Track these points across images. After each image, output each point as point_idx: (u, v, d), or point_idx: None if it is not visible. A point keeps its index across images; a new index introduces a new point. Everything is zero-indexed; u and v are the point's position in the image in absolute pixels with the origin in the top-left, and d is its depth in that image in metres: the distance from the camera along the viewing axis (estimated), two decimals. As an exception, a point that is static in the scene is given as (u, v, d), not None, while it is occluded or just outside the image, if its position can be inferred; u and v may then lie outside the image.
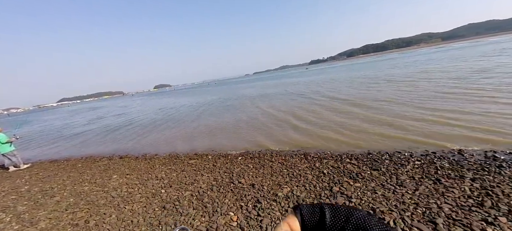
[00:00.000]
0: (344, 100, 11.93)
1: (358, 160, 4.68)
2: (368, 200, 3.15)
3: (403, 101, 9.49)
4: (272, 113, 11.58)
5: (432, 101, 8.79)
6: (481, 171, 3.57)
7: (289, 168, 4.69)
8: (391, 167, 4.10)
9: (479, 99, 7.97)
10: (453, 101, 8.21)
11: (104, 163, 7.14)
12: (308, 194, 3.57)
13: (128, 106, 35.47)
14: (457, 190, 3.12)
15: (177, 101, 29.45)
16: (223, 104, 18.93)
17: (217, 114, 14.04)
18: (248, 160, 5.56)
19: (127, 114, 21.92)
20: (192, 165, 5.73)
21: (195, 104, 21.88)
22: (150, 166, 6.18)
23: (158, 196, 4.23)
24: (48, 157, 9.41)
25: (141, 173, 5.65)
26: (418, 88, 11.93)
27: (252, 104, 16.02)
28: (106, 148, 9.58)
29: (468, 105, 7.48)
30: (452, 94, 9.37)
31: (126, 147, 9.12)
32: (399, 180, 3.61)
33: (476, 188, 3.11)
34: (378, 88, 14.06)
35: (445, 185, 3.28)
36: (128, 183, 5.08)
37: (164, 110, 20.81)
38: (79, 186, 5.34)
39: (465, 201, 2.88)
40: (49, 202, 4.60)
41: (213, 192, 4.08)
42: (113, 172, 6.04)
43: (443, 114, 6.94)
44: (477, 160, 3.98)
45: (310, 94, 16.71)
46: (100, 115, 25.86)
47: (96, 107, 45.62)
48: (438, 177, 3.52)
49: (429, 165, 4.00)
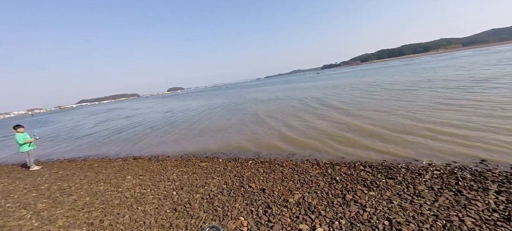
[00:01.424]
0: (340, 109, 11.65)
1: (372, 167, 4.54)
2: (384, 210, 3.03)
3: (406, 110, 9.15)
4: (265, 117, 11.55)
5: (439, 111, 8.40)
6: (507, 183, 3.34)
7: (300, 174, 4.62)
8: (408, 176, 3.94)
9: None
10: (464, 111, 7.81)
11: (119, 163, 7.37)
12: (320, 201, 3.49)
13: (141, 108, 36.63)
14: (481, 203, 2.94)
15: (188, 104, 30.04)
16: (232, 107, 19.12)
17: (225, 117, 14.17)
18: (258, 164, 5.55)
19: (139, 116, 22.61)
20: (203, 168, 5.78)
21: (204, 107, 22.22)
22: (162, 167, 6.31)
23: (169, 198, 4.30)
24: (66, 155, 9.85)
25: (154, 175, 5.77)
26: (421, 97, 11.39)
27: (257, 107, 16.11)
28: (121, 148, 9.90)
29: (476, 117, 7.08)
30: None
31: (139, 148, 9.39)
32: (417, 190, 3.45)
33: (501, 202, 2.92)
34: (379, 96, 13.65)
35: (467, 197, 3.10)
36: (141, 184, 5.21)
37: (174, 113, 21.25)
38: (95, 185, 5.53)
39: (489, 215, 2.70)
40: (66, 201, 4.79)
41: (224, 195, 4.09)
42: (127, 173, 6.21)
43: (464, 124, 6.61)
44: (502, 172, 3.74)
45: (307, 100, 16.75)
46: (114, 116, 26.87)
47: (112, 109, 47.44)
48: (459, 188, 3.34)
49: (449, 175, 3.80)
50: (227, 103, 23.45)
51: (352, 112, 10.22)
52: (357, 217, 2.97)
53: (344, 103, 13.13)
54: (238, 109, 17.33)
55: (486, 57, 34.69)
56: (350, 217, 2.98)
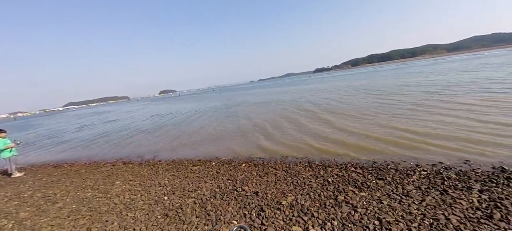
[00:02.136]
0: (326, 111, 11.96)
1: (363, 168, 4.64)
2: (374, 210, 3.10)
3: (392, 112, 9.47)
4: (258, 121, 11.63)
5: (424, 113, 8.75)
6: (489, 182, 3.51)
7: (293, 176, 4.65)
8: (397, 177, 4.05)
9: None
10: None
11: (108, 168, 7.15)
12: (313, 202, 3.52)
13: (131, 111, 35.76)
14: (465, 202, 3.06)
15: (178, 107, 29.62)
16: (223, 110, 19.03)
17: (217, 120, 14.08)
18: (252, 167, 5.54)
19: (128, 119, 22.06)
20: (195, 172, 5.71)
21: (194, 111, 21.98)
22: (153, 172, 6.17)
23: (160, 203, 4.21)
24: (51, 161, 9.45)
25: (144, 179, 5.64)
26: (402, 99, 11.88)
27: (248, 111, 16.16)
28: (109, 153, 9.61)
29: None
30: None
31: (128, 152, 9.14)
32: (405, 190, 3.56)
33: (484, 200, 3.05)
34: (364, 99, 14.07)
35: (452, 196, 3.22)
36: (131, 190, 5.07)
37: (164, 117, 20.88)
38: (82, 192, 5.33)
39: (473, 213, 2.82)
40: (51, 209, 4.59)
41: (216, 199, 4.05)
42: (116, 178, 6.03)
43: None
44: (484, 171, 3.92)
45: (297, 101, 16.85)
46: (102, 119, 26.07)
47: (101, 112, 46.03)
48: (445, 188, 3.47)
49: (436, 175, 3.94)
50: (218, 106, 23.32)
51: (331, 114, 10.47)
52: (348, 217, 3.02)
53: (328, 105, 13.45)
54: (229, 113, 17.28)
55: (466, 63, 36.70)
56: (342, 218, 3.02)
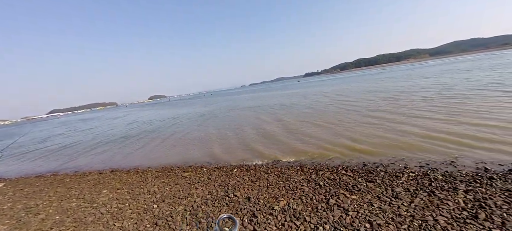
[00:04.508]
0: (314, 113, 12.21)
1: (354, 171, 4.69)
2: (365, 213, 3.12)
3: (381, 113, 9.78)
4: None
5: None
6: (473, 182, 3.63)
7: (285, 180, 4.64)
8: (386, 179, 4.12)
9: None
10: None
11: (94, 177, 6.89)
12: (305, 207, 3.51)
13: (119, 117, 34.84)
14: (452, 202, 3.14)
15: (167, 113, 29.17)
16: (213, 115, 18.93)
17: (206, 125, 13.97)
18: (243, 172, 5.49)
19: (108, 126, 21.45)
20: (186, 178, 5.59)
21: (182, 116, 21.72)
22: (142, 179, 6.00)
23: (150, 211, 4.08)
24: (34, 171, 9.01)
25: (133, 187, 5.46)
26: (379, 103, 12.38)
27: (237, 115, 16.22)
28: (95, 161, 9.27)
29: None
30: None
31: (116, 160, 8.86)
32: (395, 192, 3.62)
33: (469, 200, 3.15)
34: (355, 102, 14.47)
35: (439, 197, 3.31)
36: (118, 198, 4.89)
37: (153, 123, 20.49)
38: (66, 202, 5.09)
39: (459, 213, 2.90)
40: (33, 220, 4.35)
41: (208, 206, 3.97)
42: (103, 187, 5.81)
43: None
44: (469, 172, 4.05)
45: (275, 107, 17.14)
46: (87, 126, 25.22)
47: (87, 119, 44.61)
48: (432, 189, 3.55)
49: (423, 177, 4.04)
50: (205, 112, 23.15)
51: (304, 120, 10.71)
52: (340, 221, 3.03)
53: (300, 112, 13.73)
54: (215, 119, 17.22)
55: (436, 68, 38.91)
56: (334, 222, 3.03)
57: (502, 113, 7.33)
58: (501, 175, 3.76)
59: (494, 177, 3.70)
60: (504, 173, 3.87)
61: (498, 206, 2.93)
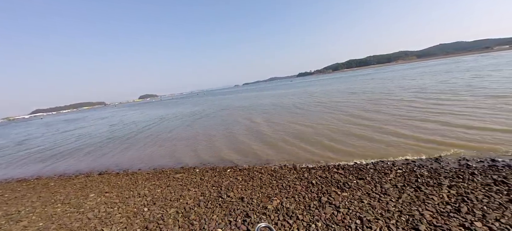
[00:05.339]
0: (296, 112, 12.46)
1: (345, 169, 4.80)
2: (355, 210, 3.20)
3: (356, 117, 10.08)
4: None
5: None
6: (456, 178, 3.80)
7: (278, 179, 4.67)
8: (376, 176, 4.24)
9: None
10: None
11: (81, 180, 6.64)
12: (298, 205, 3.56)
13: (106, 117, 33.69)
14: (436, 197, 3.28)
15: (158, 113, 28.56)
16: (207, 115, 18.77)
17: (199, 125, 13.84)
18: (237, 172, 5.47)
19: (92, 127, 20.75)
20: (178, 180, 5.50)
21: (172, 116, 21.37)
22: (132, 182, 5.85)
23: (140, 215, 3.98)
24: (14, 175, 8.55)
25: (122, 190, 5.31)
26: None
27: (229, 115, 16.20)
28: (82, 163, 8.94)
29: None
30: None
31: (104, 162, 8.58)
32: (383, 188, 3.73)
33: (453, 195, 3.30)
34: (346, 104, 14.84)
35: (425, 192, 3.44)
36: (107, 202, 4.74)
37: (140, 124, 20.02)
38: (50, 207, 4.88)
39: (444, 207, 3.03)
40: (14, 228, 4.13)
41: (200, 207, 3.93)
42: (90, 190, 5.62)
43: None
44: (452, 168, 4.25)
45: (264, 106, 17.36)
46: (72, 127, 24.21)
47: (71, 119, 42.84)
48: (418, 185, 3.70)
49: (410, 173, 4.20)
50: (197, 111, 22.90)
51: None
52: (332, 218, 3.09)
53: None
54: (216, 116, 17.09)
55: (417, 71, 40.96)
56: (326, 219, 3.08)
57: (476, 114, 7.74)
58: (481, 171, 3.97)
59: (475, 173, 3.90)
60: (485, 168, 4.08)
61: (479, 199, 3.09)
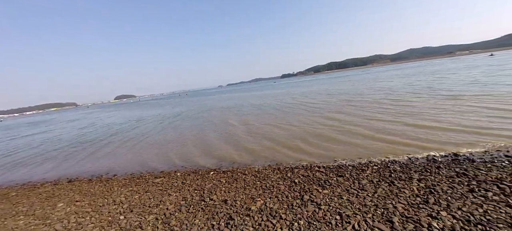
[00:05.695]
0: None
1: (326, 167, 4.96)
2: (335, 206, 3.33)
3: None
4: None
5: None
6: (425, 172, 4.12)
7: (262, 180, 4.69)
8: (354, 173, 4.45)
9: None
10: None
11: (47, 189, 6.08)
12: (281, 205, 3.60)
13: (76, 119, 31.25)
14: (408, 190, 3.53)
15: (132, 114, 27.22)
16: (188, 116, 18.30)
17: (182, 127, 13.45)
18: (220, 175, 5.39)
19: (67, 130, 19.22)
20: (157, 185, 5.27)
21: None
22: (106, 188, 5.48)
23: (115, 223, 3.75)
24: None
25: (95, 198, 4.96)
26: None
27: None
28: (48, 169, 8.18)
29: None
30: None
31: (75, 169, 7.94)
32: (361, 184, 3.93)
33: (422, 187, 3.57)
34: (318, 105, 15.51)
35: (398, 186, 3.69)
36: (77, 212, 4.39)
37: (114, 126, 18.94)
38: (11, 220, 4.39)
39: (414, 199, 3.27)
40: (-35, 246, 3.66)
41: (182, 213, 3.80)
42: (58, 200, 5.17)
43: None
44: (421, 163, 4.60)
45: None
46: (37, 131, 22.08)
47: (36, 122, 39.06)
48: (392, 179, 3.95)
49: (385, 169, 4.47)
50: (176, 113, 22.28)
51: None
52: (313, 215, 3.18)
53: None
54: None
55: (387, 74, 44.44)
56: (308, 217, 3.16)
57: (440, 114, 8.52)
58: (446, 164, 4.35)
59: (440, 166, 4.26)
60: (448, 162, 4.48)
61: (444, 190, 3.38)
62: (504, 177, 3.55)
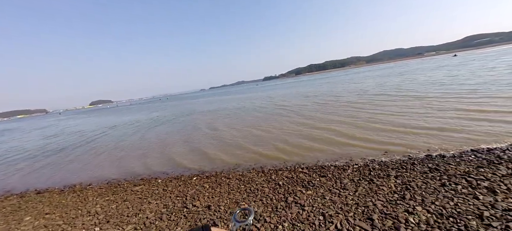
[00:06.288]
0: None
1: (309, 168, 5.03)
2: (319, 206, 3.37)
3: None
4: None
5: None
6: (401, 169, 4.33)
7: (246, 184, 4.64)
8: (336, 172, 4.56)
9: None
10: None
11: (12, 202, 5.53)
12: (265, 208, 3.58)
13: (46, 126, 29.02)
14: (386, 187, 3.68)
15: (108, 120, 25.91)
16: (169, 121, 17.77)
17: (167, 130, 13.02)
18: (204, 180, 5.26)
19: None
20: (136, 193, 5.02)
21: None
22: (80, 199, 5.11)
23: (90, 236, 3.49)
24: None
25: (68, 210, 4.60)
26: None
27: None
28: (14, 183, 7.47)
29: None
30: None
31: (44, 179, 7.33)
32: (342, 183, 4.03)
33: (399, 184, 3.74)
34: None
35: (377, 184, 3.83)
36: (47, 225, 4.04)
37: (86, 133, 17.91)
38: (-34, 240, 3.93)
39: (392, 196, 3.41)
40: None
41: (163, 221, 3.64)
42: (25, 213, 4.72)
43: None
44: (398, 160, 4.83)
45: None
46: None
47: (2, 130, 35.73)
48: (371, 177, 4.09)
49: (364, 168, 4.63)
50: (156, 118, 21.60)
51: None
52: (297, 217, 3.19)
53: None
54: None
55: (359, 75, 46.31)
56: (292, 219, 3.16)
57: (412, 114, 9.06)
58: (420, 161, 4.61)
59: (415, 163, 4.51)
60: (422, 158, 4.75)
61: (419, 186, 3.56)
62: (471, 170, 3.84)
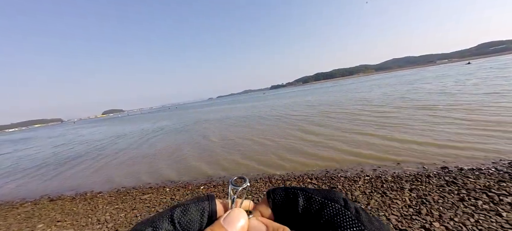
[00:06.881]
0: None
1: (318, 179, 4.91)
2: (329, 220, 3.25)
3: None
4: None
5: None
6: (416, 181, 4.14)
7: (254, 194, 4.57)
8: (346, 184, 4.41)
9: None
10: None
11: (27, 209, 5.70)
12: (273, 220, 3.49)
13: (61, 135, 30.14)
14: (400, 201, 3.51)
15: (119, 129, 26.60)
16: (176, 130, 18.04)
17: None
18: (211, 189, 5.23)
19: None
20: (145, 201, 5.04)
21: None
22: (91, 207, 5.19)
23: (99, 245, 3.52)
24: None
25: (78, 218, 4.67)
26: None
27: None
28: (29, 190, 7.73)
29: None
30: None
31: (57, 187, 7.55)
32: (354, 195, 3.88)
33: (414, 198, 3.57)
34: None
35: (390, 197, 3.67)
36: (58, 233, 4.11)
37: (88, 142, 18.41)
38: (-18, 245, 4.06)
39: (407, 210, 3.24)
40: None
41: (170, 231, 3.61)
42: (38, 220, 4.84)
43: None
44: (412, 172, 4.63)
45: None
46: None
47: (17, 140, 37.45)
48: (384, 190, 3.93)
49: (376, 180, 4.45)
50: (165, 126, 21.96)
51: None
52: (307, 231, 3.08)
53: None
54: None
55: (366, 84, 45.42)
56: (301, 232, 3.06)
57: (412, 124, 8.71)
58: (435, 173, 4.39)
59: (431, 175, 4.30)
60: (438, 171, 4.53)
61: (435, 200, 3.38)
62: (492, 184, 3.61)
